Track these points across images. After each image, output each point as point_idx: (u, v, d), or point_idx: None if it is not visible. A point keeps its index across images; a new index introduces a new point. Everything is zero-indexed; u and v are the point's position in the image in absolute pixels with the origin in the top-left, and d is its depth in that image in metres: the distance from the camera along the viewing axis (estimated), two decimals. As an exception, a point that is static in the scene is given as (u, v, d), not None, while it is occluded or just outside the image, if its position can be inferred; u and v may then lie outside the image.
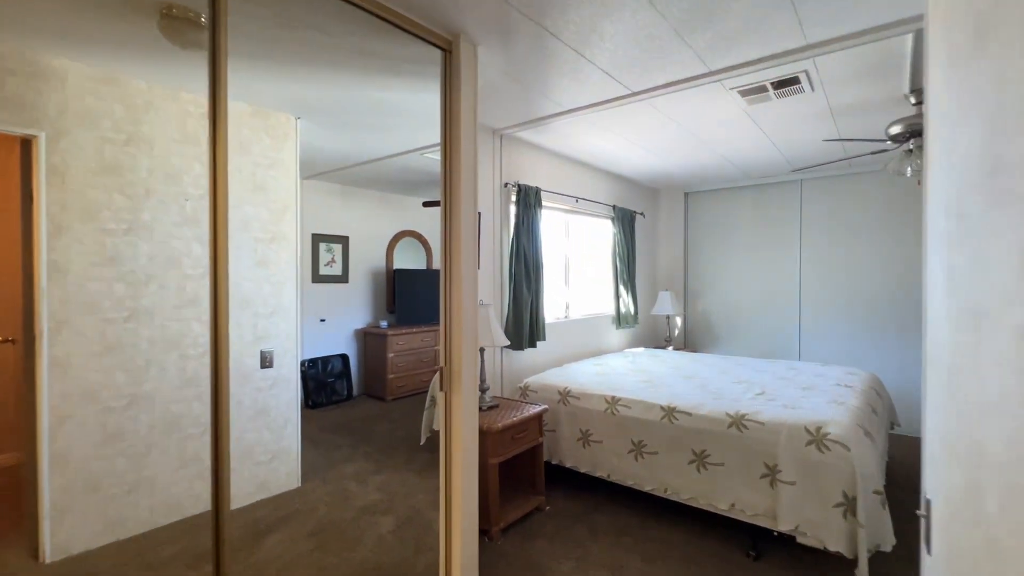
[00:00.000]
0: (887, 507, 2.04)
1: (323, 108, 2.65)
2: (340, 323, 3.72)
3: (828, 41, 2.03)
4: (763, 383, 3.05)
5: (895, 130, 2.64)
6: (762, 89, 2.55)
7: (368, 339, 3.86)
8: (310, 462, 2.81)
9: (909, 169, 2.67)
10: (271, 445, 2.52)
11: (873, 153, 2.86)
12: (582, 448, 2.93)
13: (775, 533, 2.28)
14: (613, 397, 2.87)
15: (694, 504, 2.49)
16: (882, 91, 2.61)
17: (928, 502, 0.98)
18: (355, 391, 3.77)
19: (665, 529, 2.60)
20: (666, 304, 4.99)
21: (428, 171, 3.25)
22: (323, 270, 3.52)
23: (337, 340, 3.69)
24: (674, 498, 2.56)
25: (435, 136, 2.05)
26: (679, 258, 5.39)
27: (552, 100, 2.74)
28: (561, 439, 3.02)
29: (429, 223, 4.18)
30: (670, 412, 2.62)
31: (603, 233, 4.70)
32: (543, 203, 3.65)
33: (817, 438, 2.19)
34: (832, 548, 2.08)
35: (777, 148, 3.74)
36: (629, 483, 2.73)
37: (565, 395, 3.06)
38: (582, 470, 2.92)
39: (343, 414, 3.62)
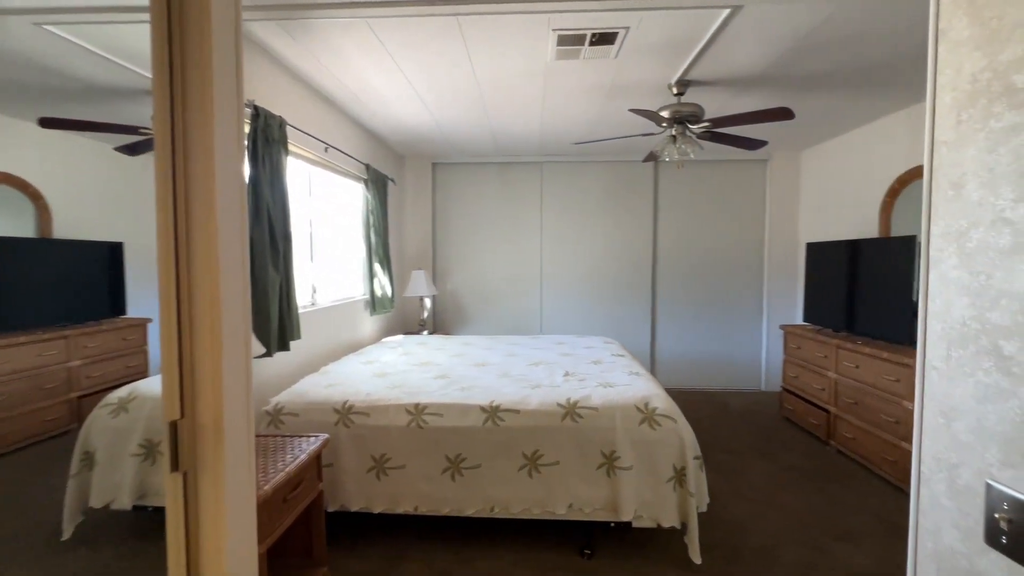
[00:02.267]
0: (703, 469, 2.13)
1: None
2: None
3: (669, -7, 1.90)
4: (559, 363, 2.93)
5: (663, 115, 2.85)
6: (580, 40, 2.30)
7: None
8: None
9: (672, 153, 2.93)
10: None
11: (644, 135, 3.08)
12: (375, 481, 2.15)
13: (611, 524, 2.12)
14: (417, 406, 2.19)
15: (527, 516, 2.11)
16: (661, 74, 2.75)
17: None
18: None
19: (492, 555, 2.14)
20: (420, 284, 4.48)
21: (57, 63, 1.74)
22: None
23: None
24: (503, 515, 2.12)
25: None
26: (428, 234, 4.95)
27: (330, -26, 1.80)
28: (343, 475, 2.15)
29: (51, 161, 2.41)
30: (493, 413, 2.15)
31: (354, 198, 3.80)
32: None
33: (648, 415, 2.12)
34: (666, 524, 2.04)
35: (542, 123, 3.70)
36: (445, 511, 2.13)
37: (346, 413, 2.19)
38: (378, 510, 2.15)
39: None
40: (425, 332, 4.55)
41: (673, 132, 2.87)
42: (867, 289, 3.20)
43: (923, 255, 0.99)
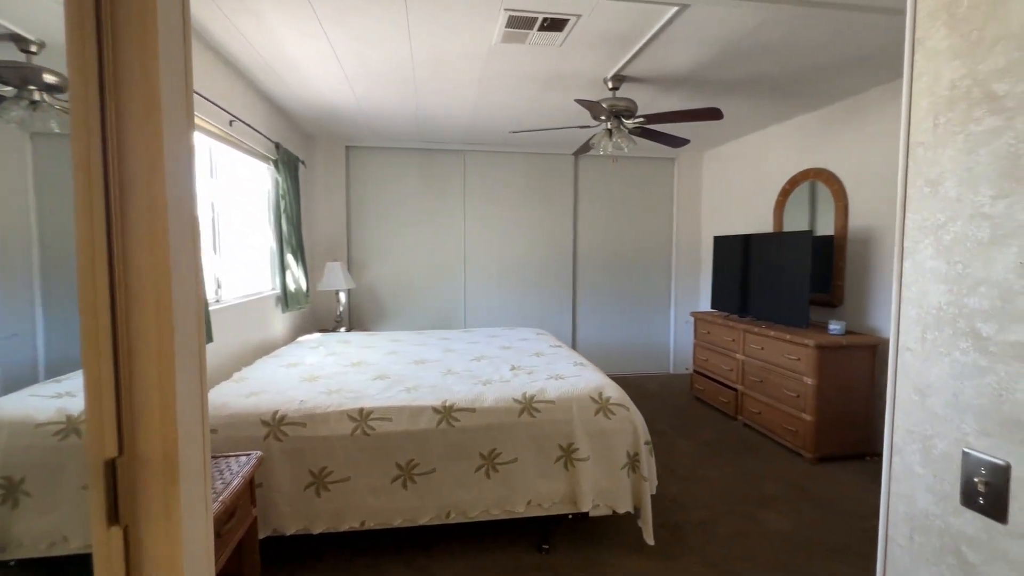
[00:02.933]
0: (653, 453, 2.21)
1: None
2: None
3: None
4: (502, 357, 2.86)
5: (603, 107, 2.88)
6: (530, 23, 2.22)
7: None
8: None
9: (606, 147, 2.98)
10: None
11: (581, 127, 3.09)
12: (315, 498, 1.92)
13: (569, 516, 2.12)
14: (362, 411, 1.99)
15: (486, 517, 2.03)
16: (600, 67, 2.77)
17: (1008, 466, 0.92)
18: None
19: (449, 562, 2.03)
20: (336, 277, 4.14)
21: None
22: None
23: None
24: (460, 519, 2.01)
25: None
26: (342, 223, 4.58)
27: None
28: (276, 496, 1.90)
29: None
30: (448, 414, 2.03)
31: (262, 181, 3.37)
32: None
33: (603, 404, 2.14)
34: (622, 510, 2.09)
35: (474, 109, 3.57)
36: (397, 522, 1.97)
37: (277, 425, 1.92)
38: (318, 530, 1.93)
39: None
40: (343, 329, 4.22)
41: (608, 126, 2.92)
42: (769, 278, 3.56)
43: (897, 245, 1.07)
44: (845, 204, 3.36)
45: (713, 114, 2.61)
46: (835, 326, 3.13)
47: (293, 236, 3.52)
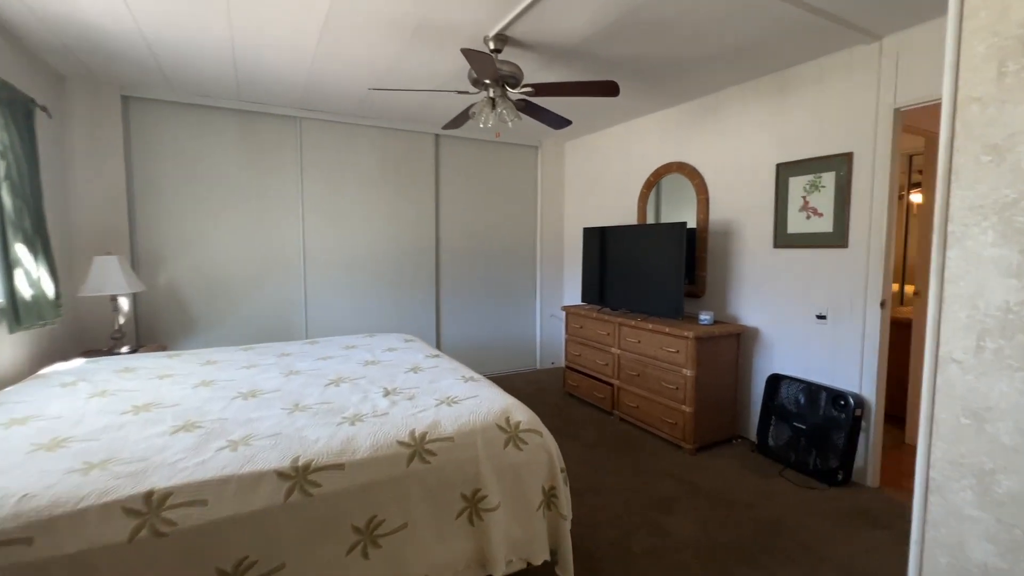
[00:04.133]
0: (567, 481, 1.86)
1: None
2: None
3: None
4: (368, 377, 2.21)
5: (475, 75, 2.43)
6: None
7: None
8: None
9: (488, 118, 2.54)
10: None
11: (460, 92, 2.57)
12: (59, 661, 1.11)
13: (474, 581, 1.64)
14: (151, 495, 1.23)
15: (363, 616, 1.44)
16: (481, 22, 2.30)
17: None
18: None
19: None
20: (110, 276, 2.95)
21: None
22: None
23: None
24: (325, 628, 1.39)
25: None
26: (120, 202, 3.32)
27: None
28: None
29: None
30: (302, 477, 1.38)
31: (-47, 128, 2.13)
32: None
33: (512, 433, 1.71)
34: (539, 560, 1.69)
35: (314, 61, 2.79)
36: (221, 662, 1.27)
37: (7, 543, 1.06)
38: None
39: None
40: (124, 349, 3.04)
41: (492, 93, 2.49)
42: (642, 270, 3.53)
43: (937, 232, 0.83)
44: (706, 198, 3.48)
45: (608, 89, 2.36)
46: (705, 316, 3.20)
47: (27, 216, 2.33)
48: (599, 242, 3.97)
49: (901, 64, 2.42)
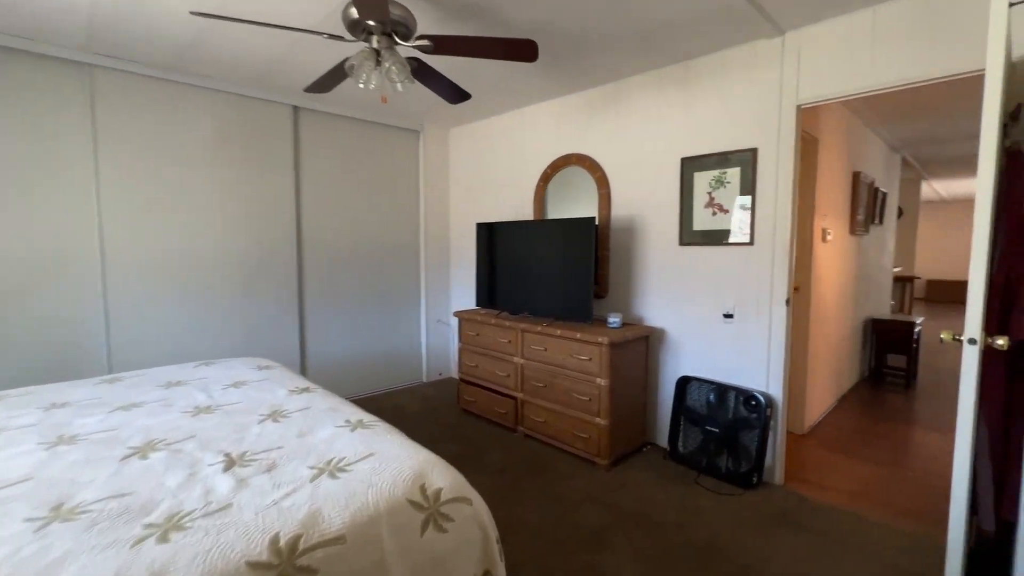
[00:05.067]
0: (503, 555, 1.39)
1: None
2: None
3: None
4: (203, 436, 1.48)
5: (356, 14, 1.84)
6: None
7: None
8: None
9: (368, 78, 1.95)
10: None
11: (331, 36, 1.91)
12: None
13: None
14: None
15: None
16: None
17: None
18: None
19: None
20: None
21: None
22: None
23: None
24: None
25: None
26: None
27: None
28: None
29: None
30: None
31: None
32: None
33: (432, 508, 1.20)
34: None
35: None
36: None
37: None
38: None
39: None
40: None
41: (376, 44, 1.91)
42: (545, 270, 3.21)
43: None
44: (608, 192, 3.28)
45: (525, 51, 1.94)
46: (614, 319, 2.98)
47: None
48: (494, 239, 3.56)
49: (803, 61, 2.41)
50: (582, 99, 3.40)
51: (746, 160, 2.63)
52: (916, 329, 4.46)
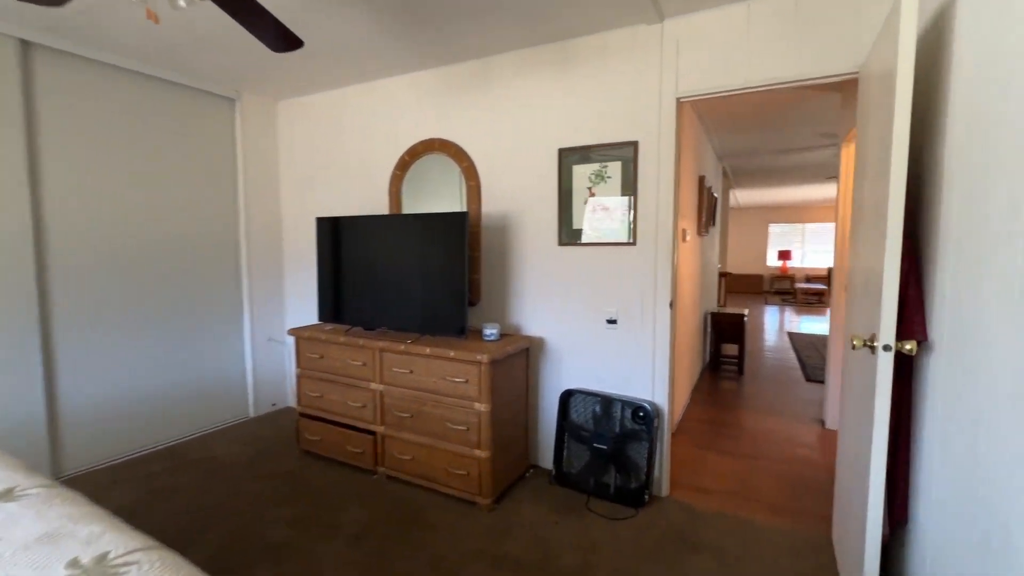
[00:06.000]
0: None
1: None
2: None
3: None
4: None
5: None
6: None
7: None
8: None
9: None
10: None
11: None
12: None
13: None
14: None
15: None
16: None
17: None
18: None
19: None
20: None
21: None
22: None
23: None
24: None
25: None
26: None
27: None
28: None
29: None
30: None
31: None
32: None
33: None
34: None
35: None
36: None
37: None
38: None
39: None
40: None
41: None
42: (407, 275, 2.67)
43: None
44: (477, 185, 2.87)
45: (286, 41, 1.39)
46: (490, 331, 2.58)
47: None
48: (341, 238, 2.89)
49: (683, 51, 2.29)
50: (447, 75, 2.92)
51: (627, 154, 2.44)
52: (744, 320, 4.97)
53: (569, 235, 2.62)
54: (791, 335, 7.16)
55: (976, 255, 1.16)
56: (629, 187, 2.45)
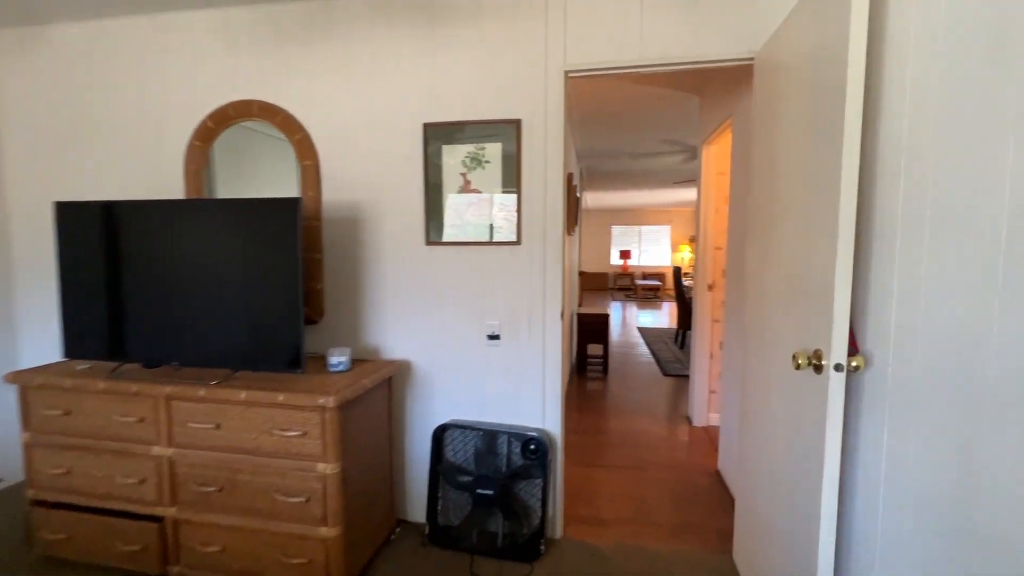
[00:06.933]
0: None
1: None
2: None
3: None
4: None
5: None
6: None
7: None
8: None
9: None
10: None
11: None
12: None
13: None
14: None
15: None
16: None
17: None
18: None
19: None
20: None
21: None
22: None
23: None
24: None
25: None
26: None
27: None
28: None
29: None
30: None
31: None
32: None
33: None
34: None
35: None
36: None
37: None
38: None
39: None
40: None
41: None
42: (211, 287, 1.87)
43: None
44: (316, 165, 2.18)
45: None
46: (338, 359, 1.94)
47: None
48: (99, 235, 1.95)
49: (570, 18, 1.94)
50: (272, 16, 2.17)
51: (508, 134, 2.02)
52: (609, 319, 4.99)
53: (439, 232, 2.11)
54: (641, 330, 7.61)
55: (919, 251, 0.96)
56: (511, 174, 2.03)
